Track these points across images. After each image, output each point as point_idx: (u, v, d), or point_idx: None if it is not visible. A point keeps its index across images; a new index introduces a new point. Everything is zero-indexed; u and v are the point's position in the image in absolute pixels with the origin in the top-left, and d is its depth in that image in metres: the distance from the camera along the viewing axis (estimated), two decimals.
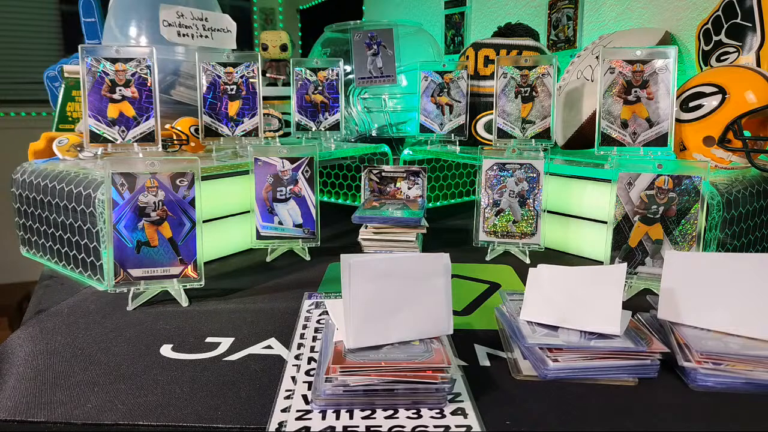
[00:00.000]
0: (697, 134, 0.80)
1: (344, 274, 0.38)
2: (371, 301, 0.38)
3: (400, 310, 0.38)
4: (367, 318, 0.38)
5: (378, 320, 0.38)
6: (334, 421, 0.40)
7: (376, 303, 0.38)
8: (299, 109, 1.01)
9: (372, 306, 0.38)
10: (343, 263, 0.37)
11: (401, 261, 0.38)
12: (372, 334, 0.38)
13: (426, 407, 0.42)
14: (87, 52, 0.74)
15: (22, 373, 0.49)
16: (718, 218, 0.69)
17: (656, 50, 0.78)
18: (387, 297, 0.38)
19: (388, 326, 0.38)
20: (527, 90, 0.88)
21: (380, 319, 0.38)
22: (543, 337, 0.49)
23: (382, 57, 1.15)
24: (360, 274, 0.37)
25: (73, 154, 0.85)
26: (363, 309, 0.38)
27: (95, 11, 1.33)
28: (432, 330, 0.39)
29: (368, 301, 0.38)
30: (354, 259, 0.37)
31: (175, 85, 1.05)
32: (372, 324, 0.38)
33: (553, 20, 1.50)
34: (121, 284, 0.64)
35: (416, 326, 0.39)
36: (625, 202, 0.68)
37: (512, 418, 0.41)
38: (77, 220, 0.72)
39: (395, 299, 0.38)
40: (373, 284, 0.38)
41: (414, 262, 0.38)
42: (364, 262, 0.37)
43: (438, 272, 0.38)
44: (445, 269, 0.38)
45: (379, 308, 0.38)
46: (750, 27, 0.93)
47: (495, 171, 0.81)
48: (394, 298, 0.38)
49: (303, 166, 0.82)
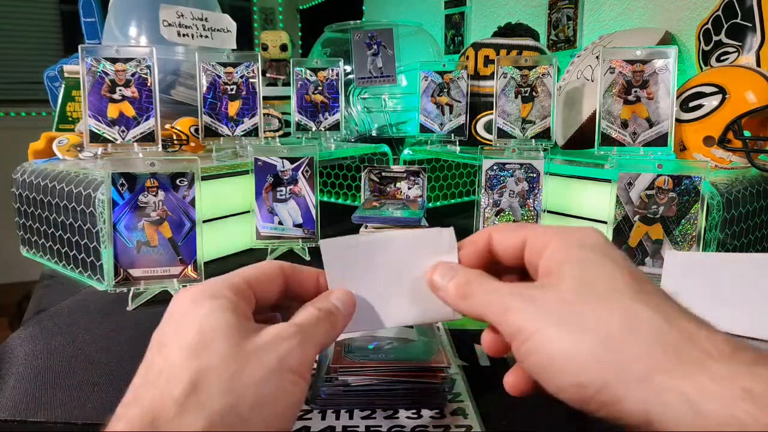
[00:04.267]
0: (697, 134, 0.80)
1: (324, 260, 0.34)
2: (358, 286, 0.34)
3: (397, 294, 0.34)
4: (357, 302, 0.34)
5: (369, 306, 0.35)
6: (334, 421, 0.40)
7: (365, 287, 0.34)
8: (299, 109, 1.01)
9: (360, 291, 0.34)
10: (322, 247, 0.34)
11: (394, 239, 0.34)
12: (363, 321, 0.35)
13: (426, 407, 0.42)
14: (87, 52, 0.74)
15: (22, 373, 0.49)
16: (718, 218, 0.69)
17: (656, 50, 0.78)
18: (377, 279, 0.34)
19: (383, 311, 0.35)
20: (527, 90, 0.87)
21: (372, 305, 0.35)
22: None
23: (382, 57, 1.15)
24: (339, 258, 0.34)
25: (73, 154, 0.85)
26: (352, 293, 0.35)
27: (95, 11, 1.33)
28: (435, 314, 0.35)
29: (354, 287, 0.34)
30: (332, 242, 0.34)
31: (175, 85, 1.05)
32: (362, 310, 0.34)
33: (553, 20, 1.50)
34: (121, 284, 0.64)
35: (417, 310, 0.35)
36: (625, 202, 0.68)
37: (512, 418, 0.41)
38: (77, 220, 0.72)
39: (389, 282, 0.34)
40: (358, 268, 0.34)
41: (410, 239, 0.34)
42: (344, 245, 0.34)
43: (440, 250, 0.34)
44: (448, 246, 0.34)
45: (369, 293, 0.34)
46: (750, 27, 0.93)
47: (495, 171, 0.81)
48: (387, 281, 0.34)
49: (303, 166, 0.82)
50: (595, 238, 0.30)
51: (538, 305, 0.27)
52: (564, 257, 0.29)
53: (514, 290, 0.29)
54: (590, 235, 0.30)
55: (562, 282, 0.28)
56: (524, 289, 0.29)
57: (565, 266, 0.29)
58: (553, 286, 0.28)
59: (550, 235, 0.31)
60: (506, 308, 0.28)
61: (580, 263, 0.28)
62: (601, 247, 0.29)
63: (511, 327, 0.28)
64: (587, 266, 0.28)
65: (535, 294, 0.28)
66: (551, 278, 0.29)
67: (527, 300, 0.28)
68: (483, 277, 0.32)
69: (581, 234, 0.30)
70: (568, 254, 0.29)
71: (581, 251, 0.29)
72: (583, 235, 0.30)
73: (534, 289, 0.29)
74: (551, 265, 0.29)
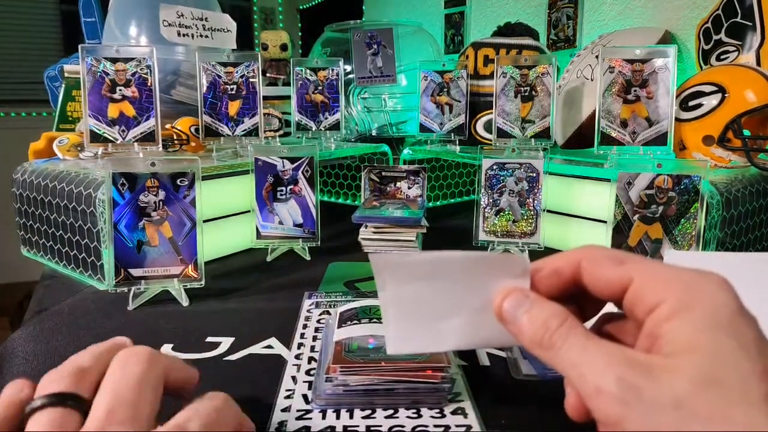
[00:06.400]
0: (696, 133, 0.80)
1: (376, 277, 0.32)
2: (411, 307, 0.32)
3: (455, 317, 0.32)
4: (410, 320, 0.32)
5: (423, 326, 0.32)
6: (334, 421, 0.40)
7: (419, 308, 0.32)
8: (299, 109, 1.01)
9: (413, 311, 0.32)
10: (373, 263, 0.32)
11: (457, 259, 0.31)
12: (417, 339, 0.33)
13: (426, 407, 0.42)
14: (87, 51, 0.74)
15: (22, 372, 0.49)
16: (718, 217, 0.69)
17: (656, 49, 0.78)
18: (435, 300, 0.32)
19: (438, 333, 0.32)
20: (527, 89, 0.88)
21: (426, 326, 0.32)
22: None
23: (382, 57, 1.15)
24: (394, 275, 0.32)
25: (73, 154, 0.85)
26: (403, 311, 0.32)
27: (95, 11, 1.33)
28: (496, 341, 0.32)
29: (407, 307, 0.32)
30: (385, 258, 0.31)
31: (175, 85, 1.05)
32: (416, 328, 0.32)
33: (552, 20, 1.50)
34: (121, 284, 0.64)
35: (475, 336, 0.32)
36: (625, 202, 0.68)
37: (512, 417, 0.42)
38: (78, 220, 0.72)
39: (447, 304, 0.32)
40: (414, 287, 0.32)
41: (481, 264, 0.31)
42: (399, 262, 0.31)
43: (513, 276, 0.30)
44: (523, 274, 0.30)
45: (423, 313, 0.32)
46: (750, 26, 0.93)
47: (495, 170, 0.82)
48: (445, 303, 0.32)
49: (303, 166, 0.82)
50: (729, 308, 0.24)
51: (645, 402, 0.22)
52: (687, 338, 0.23)
53: (612, 361, 0.23)
54: (722, 303, 0.24)
55: (679, 372, 0.22)
56: (626, 366, 0.23)
57: (687, 354, 0.23)
58: (666, 376, 0.22)
59: (665, 287, 0.25)
60: (598, 389, 0.23)
61: (708, 353, 0.22)
62: (736, 328, 0.23)
63: (601, 414, 0.23)
64: (717, 357, 0.22)
65: (642, 384, 0.22)
66: (664, 357, 0.23)
67: (630, 390, 0.22)
68: (570, 326, 0.26)
69: (711, 301, 0.24)
70: (694, 335, 0.23)
71: (712, 334, 0.23)
72: (713, 302, 0.24)
73: (641, 372, 0.23)
74: (666, 336, 0.24)
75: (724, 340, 0.22)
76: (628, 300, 0.26)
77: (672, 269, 0.26)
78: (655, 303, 0.25)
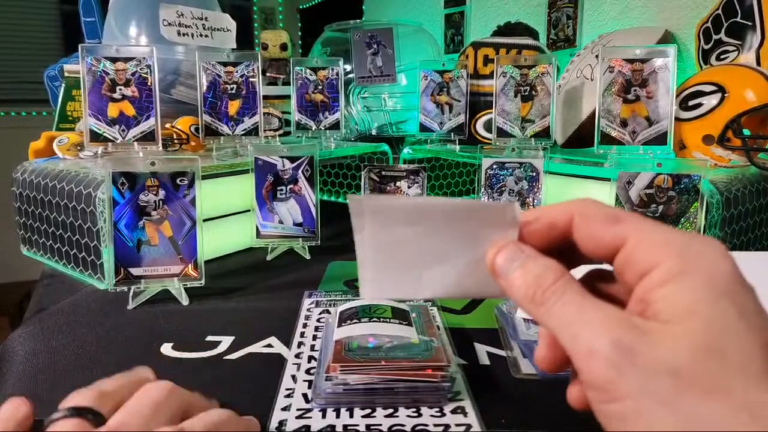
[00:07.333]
0: (696, 133, 0.80)
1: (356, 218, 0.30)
2: (390, 250, 0.30)
3: (441, 263, 0.30)
4: (388, 265, 0.30)
5: (404, 270, 0.30)
6: (334, 420, 0.40)
7: (403, 251, 0.30)
8: (299, 109, 1.01)
9: (396, 253, 0.30)
10: (351, 204, 0.29)
11: (450, 207, 0.29)
12: (395, 284, 0.31)
13: (426, 406, 0.42)
14: (87, 51, 0.74)
15: (22, 372, 0.49)
16: (718, 217, 0.69)
17: (656, 49, 0.78)
18: (421, 245, 0.30)
19: (419, 280, 0.30)
20: (527, 89, 0.88)
21: (407, 272, 0.30)
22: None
23: (382, 56, 1.15)
24: (378, 219, 0.30)
25: (73, 153, 0.85)
26: (382, 254, 0.30)
27: (95, 11, 1.33)
28: (481, 292, 0.30)
29: (385, 250, 0.30)
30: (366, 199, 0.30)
31: (175, 85, 1.05)
32: (395, 272, 0.30)
33: (552, 19, 1.50)
34: (121, 283, 0.64)
35: (459, 284, 0.30)
36: (625, 201, 0.68)
37: (511, 416, 0.42)
38: (78, 219, 0.72)
39: (434, 250, 0.30)
40: (398, 229, 0.30)
41: (469, 211, 0.29)
42: (382, 204, 0.29)
43: (501, 225, 0.28)
44: (512, 224, 0.28)
45: (407, 257, 0.30)
46: (750, 25, 0.93)
47: (494, 170, 0.82)
48: (432, 249, 0.30)
49: (303, 165, 0.82)
50: (729, 275, 0.22)
51: (639, 367, 0.21)
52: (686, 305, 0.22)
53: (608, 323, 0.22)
54: (722, 270, 0.22)
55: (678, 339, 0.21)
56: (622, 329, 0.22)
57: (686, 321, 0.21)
58: (665, 342, 0.21)
59: (659, 250, 0.23)
60: (591, 351, 0.22)
61: (708, 322, 0.21)
62: (736, 297, 0.22)
63: (589, 377, 0.22)
64: (718, 326, 0.21)
65: (638, 348, 0.21)
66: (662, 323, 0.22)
67: (625, 353, 0.21)
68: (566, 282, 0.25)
69: (709, 267, 0.22)
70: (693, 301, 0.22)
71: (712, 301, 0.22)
72: (712, 269, 0.22)
73: (638, 336, 0.22)
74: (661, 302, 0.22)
75: (725, 308, 0.21)
76: (618, 262, 0.25)
77: (669, 231, 0.24)
78: (648, 267, 0.23)
